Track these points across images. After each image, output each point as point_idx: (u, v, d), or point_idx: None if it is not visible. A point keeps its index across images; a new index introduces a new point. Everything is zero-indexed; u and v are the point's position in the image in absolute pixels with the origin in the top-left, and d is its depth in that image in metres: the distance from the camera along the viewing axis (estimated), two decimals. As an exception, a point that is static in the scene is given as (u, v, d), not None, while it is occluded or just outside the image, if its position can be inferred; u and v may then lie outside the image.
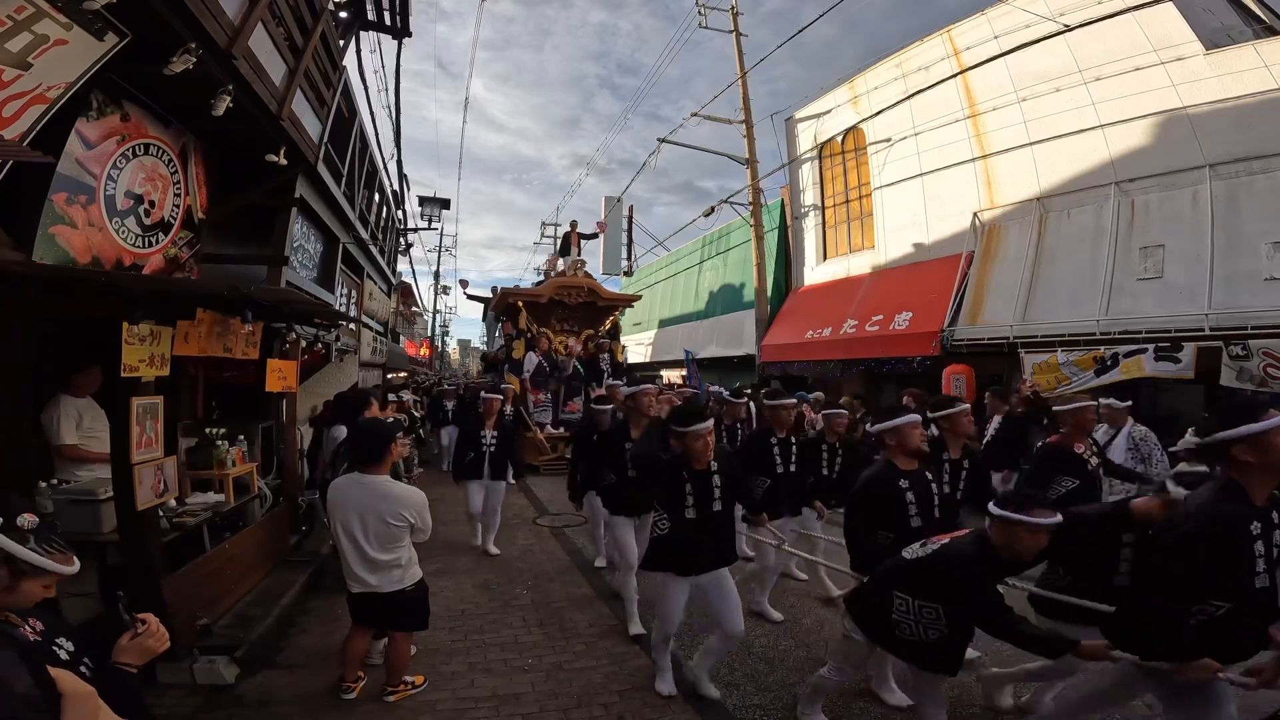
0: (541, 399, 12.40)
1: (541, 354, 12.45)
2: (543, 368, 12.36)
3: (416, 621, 3.59)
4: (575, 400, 12.61)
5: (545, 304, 12.95)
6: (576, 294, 13.08)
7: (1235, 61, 8.62)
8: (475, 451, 6.41)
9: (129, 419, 3.47)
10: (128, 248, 4.65)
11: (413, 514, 3.36)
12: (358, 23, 9.07)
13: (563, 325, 13.35)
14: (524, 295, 13.16)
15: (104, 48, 3.25)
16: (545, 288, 13.33)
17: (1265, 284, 7.58)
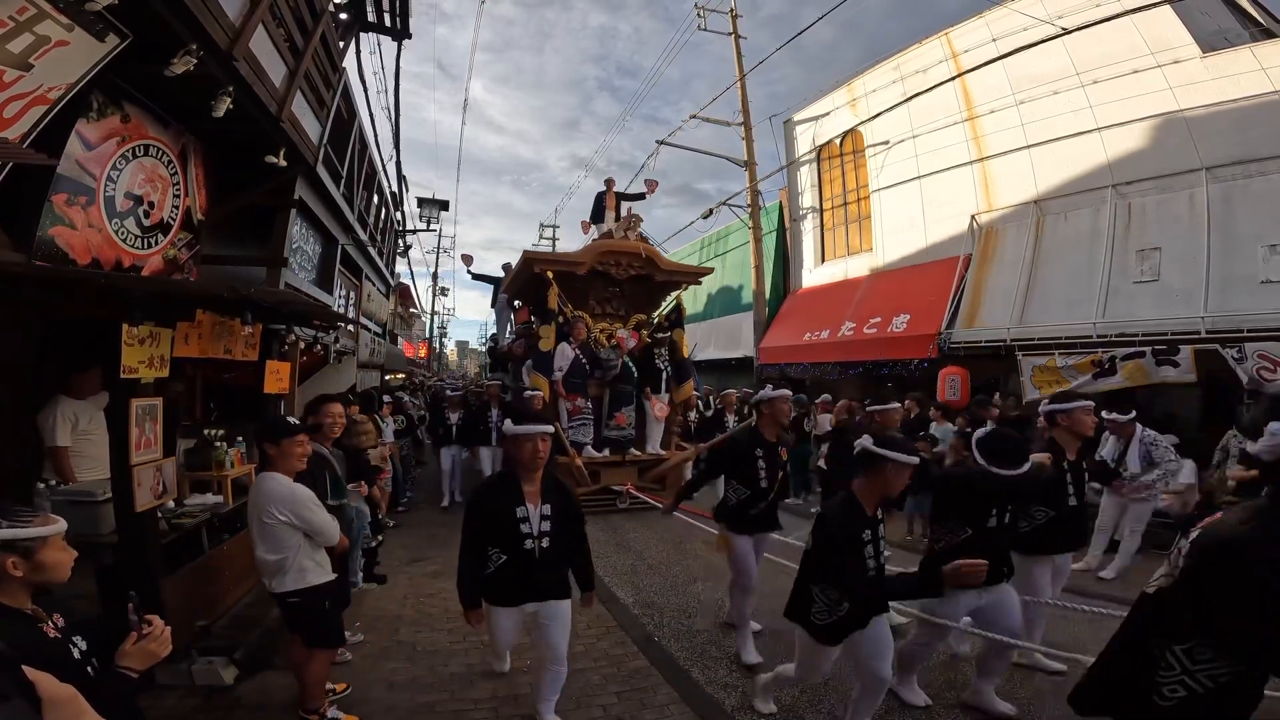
0: (580, 408, 8.66)
1: (578, 346, 8.69)
2: (580, 364, 8.68)
3: (310, 634, 3.26)
4: (624, 411, 8.91)
5: (584, 277, 9.06)
6: (628, 263, 9.19)
7: (1232, 64, 8.66)
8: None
9: (128, 420, 3.47)
10: (127, 249, 4.64)
11: (283, 511, 3.08)
12: (358, 24, 9.08)
13: (605, 307, 9.64)
14: (555, 263, 9.04)
15: (105, 49, 3.24)
16: (585, 253, 9.15)
17: (1261, 287, 7.61)
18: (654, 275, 9.43)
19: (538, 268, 8.78)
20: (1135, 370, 7.74)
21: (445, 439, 9.22)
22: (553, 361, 8.48)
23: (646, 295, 9.93)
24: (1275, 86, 8.15)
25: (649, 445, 9.13)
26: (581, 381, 8.69)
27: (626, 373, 8.95)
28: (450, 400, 9.62)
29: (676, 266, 10.04)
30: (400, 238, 17.02)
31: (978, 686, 3.58)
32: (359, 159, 9.53)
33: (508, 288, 11.85)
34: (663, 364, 9.25)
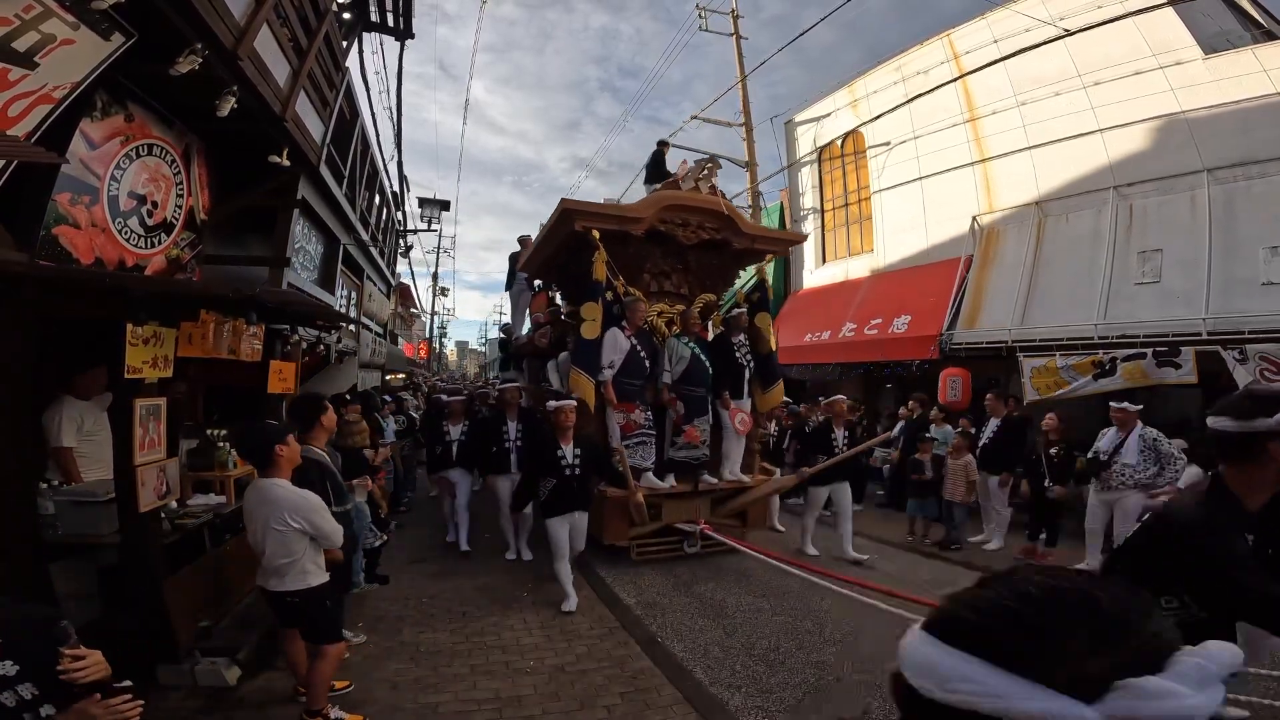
0: (637, 421, 6.23)
1: (634, 334, 6.32)
2: (638, 359, 6.28)
3: (314, 632, 3.31)
4: (697, 423, 6.44)
5: (639, 241, 6.53)
6: (700, 223, 6.65)
7: (1233, 66, 8.66)
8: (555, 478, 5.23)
9: (132, 421, 3.47)
10: (130, 248, 4.65)
11: (296, 519, 3.12)
12: (361, 24, 9.08)
13: (664, 283, 7.05)
14: (605, 218, 6.34)
15: (110, 48, 3.25)
16: (644, 206, 6.58)
17: (1262, 289, 7.60)
18: (732, 241, 6.81)
19: (581, 223, 6.10)
20: (1135, 372, 7.74)
21: (443, 460, 6.87)
22: (599, 355, 6.08)
23: (718, 268, 7.35)
24: (1277, 88, 8.15)
25: (727, 468, 6.62)
26: (640, 384, 6.32)
27: (699, 371, 6.44)
28: (450, 409, 7.06)
29: (763, 231, 7.52)
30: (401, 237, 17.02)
31: None
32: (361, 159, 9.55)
33: (527, 263, 9.06)
34: (744, 360, 6.71)
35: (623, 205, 6.73)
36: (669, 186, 6.94)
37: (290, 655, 3.48)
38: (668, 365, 6.38)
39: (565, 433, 5.22)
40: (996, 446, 7.24)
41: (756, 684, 3.88)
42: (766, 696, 3.73)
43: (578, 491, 5.19)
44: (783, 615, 4.97)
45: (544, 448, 5.23)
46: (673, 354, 6.42)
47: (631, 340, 6.26)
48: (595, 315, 6.10)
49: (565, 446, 5.18)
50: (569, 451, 5.18)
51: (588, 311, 6.11)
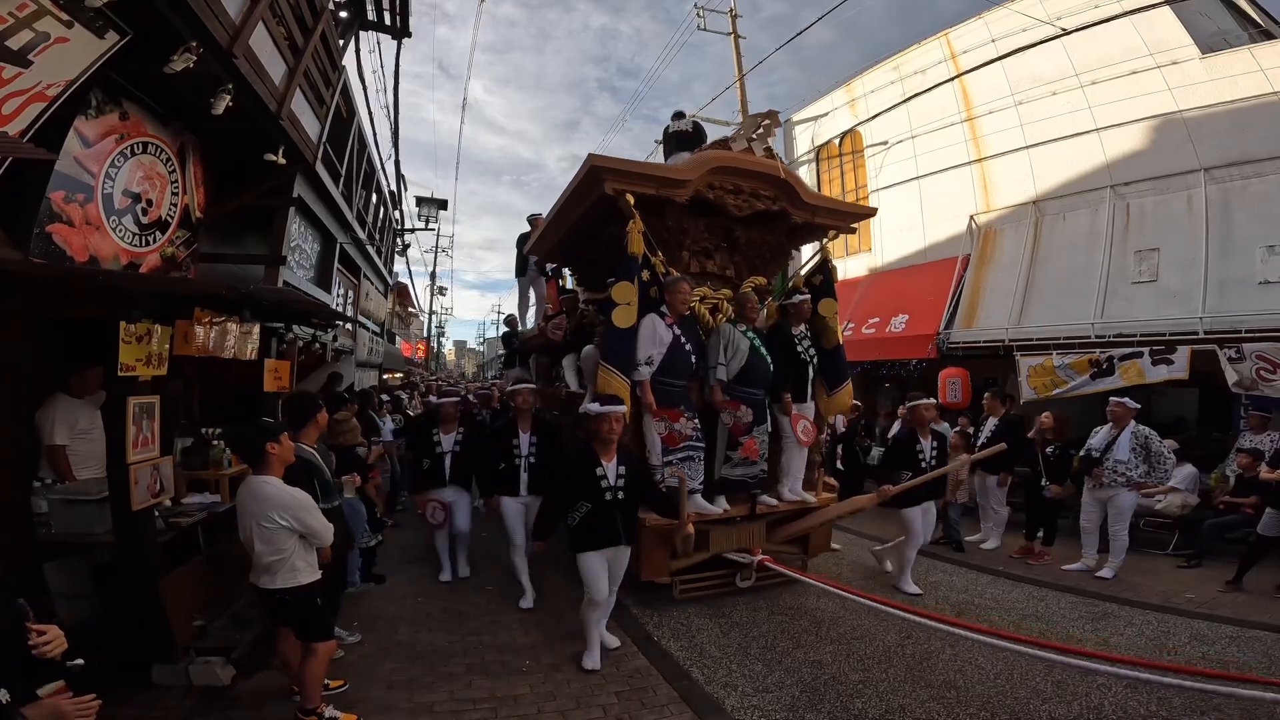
0: (683, 432, 4.99)
1: (677, 322, 5.10)
2: (683, 353, 5.08)
3: (305, 629, 3.30)
4: (756, 433, 5.23)
5: (680, 211, 5.42)
6: (754, 190, 5.52)
7: (1230, 65, 8.68)
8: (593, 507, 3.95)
9: (125, 419, 3.46)
10: (125, 246, 4.64)
11: (285, 517, 3.11)
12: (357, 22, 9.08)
13: (706, 263, 5.83)
14: (642, 180, 5.09)
15: (104, 46, 3.24)
16: (690, 168, 5.33)
17: (1259, 287, 7.62)
18: (791, 213, 5.63)
19: (613, 184, 4.90)
20: (1133, 371, 7.75)
21: (432, 477, 5.62)
22: (635, 347, 4.86)
23: (771, 246, 6.06)
24: (1274, 87, 8.16)
25: (786, 486, 5.48)
26: (684, 385, 5.09)
27: (759, 368, 5.19)
28: (441, 414, 5.74)
29: (828, 201, 6.09)
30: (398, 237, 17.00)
31: None
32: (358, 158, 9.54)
33: (537, 244, 7.33)
34: (807, 355, 5.55)
35: (664, 166, 5.44)
36: (716, 147, 5.59)
37: (283, 653, 3.47)
38: (721, 359, 5.09)
39: (608, 446, 4.01)
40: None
41: (753, 683, 3.88)
42: (764, 695, 3.73)
43: (621, 521, 3.99)
44: (780, 615, 4.97)
45: (578, 464, 4.00)
46: (728, 346, 5.12)
47: (674, 330, 4.98)
48: (630, 298, 4.84)
49: (607, 464, 3.98)
50: (611, 470, 3.97)
51: (621, 294, 4.83)
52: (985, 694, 3.73)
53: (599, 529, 3.94)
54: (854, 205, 6.45)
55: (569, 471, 4.03)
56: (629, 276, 4.90)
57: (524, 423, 5.28)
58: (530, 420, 5.30)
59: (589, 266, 6.80)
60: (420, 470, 5.77)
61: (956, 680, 3.91)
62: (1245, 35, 9.66)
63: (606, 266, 5.60)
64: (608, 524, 3.95)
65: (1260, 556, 5.68)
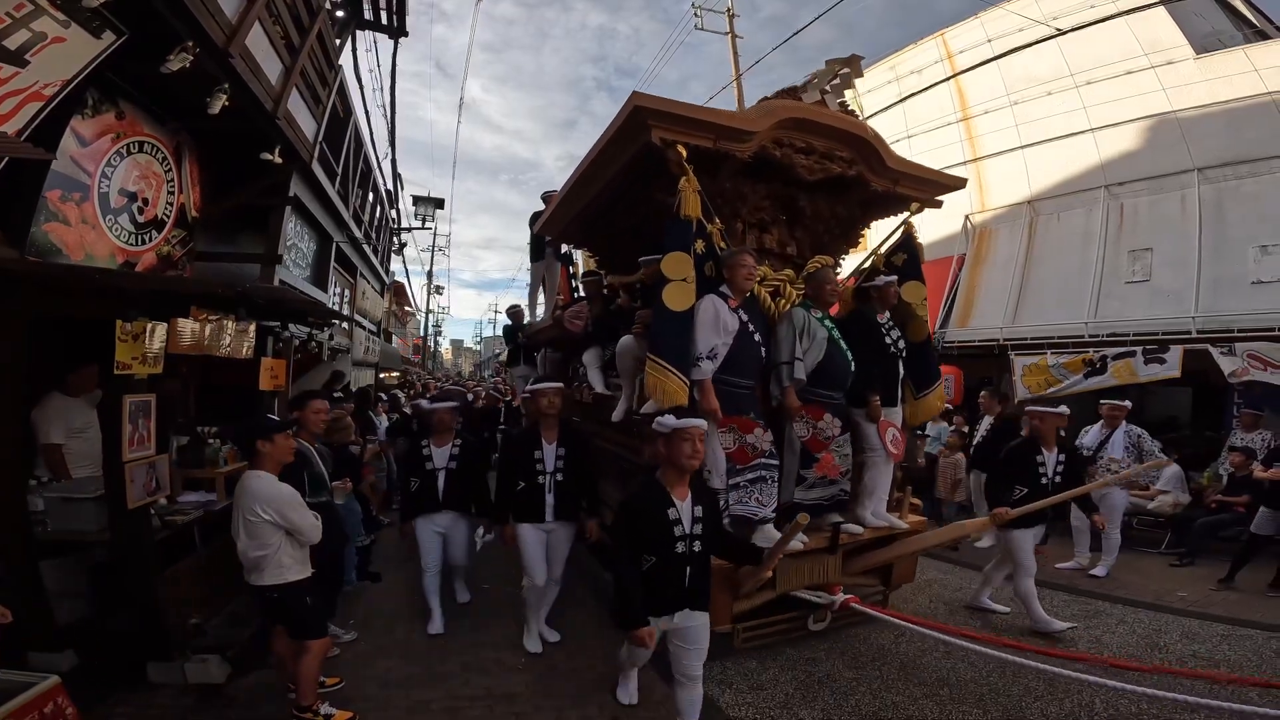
0: (756, 445, 3.89)
1: (741, 305, 3.95)
2: (752, 345, 3.99)
3: (298, 627, 3.30)
4: (837, 446, 4.22)
5: (736, 172, 4.36)
6: (829, 150, 4.46)
7: (1224, 66, 8.73)
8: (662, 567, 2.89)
9: (120, 417, 3.46)
10: (120, 245, 4.65)
11: (268, 511, 3.10)
12: (354, 22, 9.08)
13: (763, 236, 4.84)
14: (696, 128, 3.90)
15: (101, 45, 3.25)
16: (754, 117, 4.18)
17: (1251, 287, 7.67)
18: (869, 180, 4.64)
19: (662, 131, 3.81)
20: (1125, 369, 7.79)
21: (422, 499, 4.56)
22: (693, 335, 3.80)
23: (840, 219, 5.08)
24: (1268, 88, 8.22)
25: (869, 508, 4.51)
26: (752, 386, 4.03)
27: (840, 365, 4.19)
28: (435, 421, 4.67)
29: (914, 168, 4.93)
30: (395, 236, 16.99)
31: None
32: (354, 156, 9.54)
33: (551, 218, 5.93)
34: (897, 348, 4.58)
35: (725, 112, 4.10)
36: (784, 96, 4.47)
37: (277, 651, 3.48)
38: (798, 353, 4.04)
39: (683, 478, 2.93)
40: (990, 445, 7.28)
41: (748, 679, 3.90)
42: (758, 693, 3.75)
43: (694, 577, 2.94)
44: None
45: (645, 504, 2.90)
46: (804, 335, 4.08)
47: (740, 315, 3.87)
48: (685, 272, 3.74)
49: (681, 502, 2.89)
50: (686, 511, 2.89)
51: (674, 267, 3.74)
52: (978, 691, 3.76)
53: (664, 589, 2.90)
54: (941, 173, 5.25)
55: (634, 515, 2.89)
56: (682, 246, 3.77)
57: (549, 431, 4.23)
58: (556, 428, 4.25)
59: (614, 245, 5.77)
60: (407, 491, 4.71)
61: (949, 677, 3.93)
62: (1240, 36, 9.72)
63: (636, 245, 4.89)
64: (675, 583, 2.91)
65: (1253, 555, 5.71)
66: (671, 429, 2.87)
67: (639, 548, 2.87)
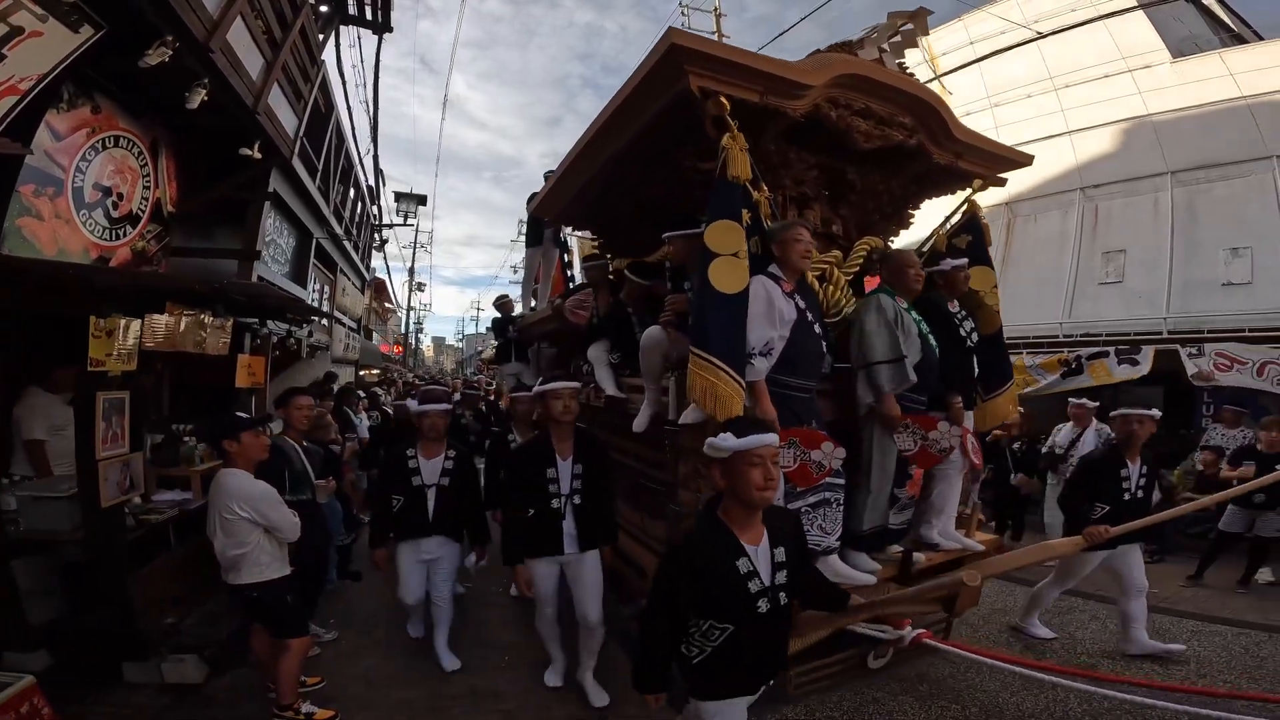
0: (824, 463, 3.02)
1: (796, 289, 3.21)
2: (811, 336, 3.18)
3: (277, 626, 3.26)
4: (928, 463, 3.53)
5: (787, 130, 3.61)
6: (889, 115, 3.75)
7: (1199, 70, 8.88)
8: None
9: (94, 415, 3.42)
10: (94, 240, 4.58)
11: (245, 508, 3.06)
12: (338, 17, 8.97)
13: (802, 212, 4.07)
14: (742, 76, 3.16)
15: (79, 40, 3.21)
16: (812, 70, 3.41)
17: (1222, 289, 7.84)
18: (930, 152, 4.02)
19: (700, 77, 3.10)
20: (1101, 370, 7.93)
21: (409, 522, 3.82)
22: (745, 324, 3.01)
23: (892, 195, 4.51)
24: (1241, 92, 8.37)
25: (937, 527, 3.90)
26: (810, 390, 3.31)
27: (930, 363, 3.58)
28: (424, 426, 3.89)
29: (980, 140, 4.36)
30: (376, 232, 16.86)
31: None
32: (336, 152, 9.46)
33: (548, 200, 5.37)
34: (971, 342, 3.92)
35: (777, 61, 3.33)
36: (838, 50, 3.82)
37: (256, 650, 3.46)
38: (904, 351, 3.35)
39: (752, 514, 2.16)
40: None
41: None
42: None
43: (778, 640, 2.29)
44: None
45: (710, 550, 2.12)
46: (899, 329, 3.41)
47: (796, 301, 3.16)
48: (737, 245, 2.97)
49: (752, 547, 2.14)
50: (763, 557, 2.15)
51: (721, 238, 2.97)
52: (956, 687, 3.79)
53: (743, 661, 2.14)
54: (1008, 148, 4.62)
55: (692, 573, 2.07)
56: (730, 213, 3.01)
57: (563, 442, 3.43)
58: (572, 438, 3.45)
59: (623, 226, 5.06)
60: (385, 512, 3.83)
61: (929, 673, 3.95)
62: (1216, 40, 9.88)
63: (646, 226, 4.37)
64: (764, 650, 2.18)
65: (1221, 552, 5.82)
66: (733, 451, 2.04)
67: (706, 613, 2.07)
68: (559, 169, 4.74)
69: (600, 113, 3.82)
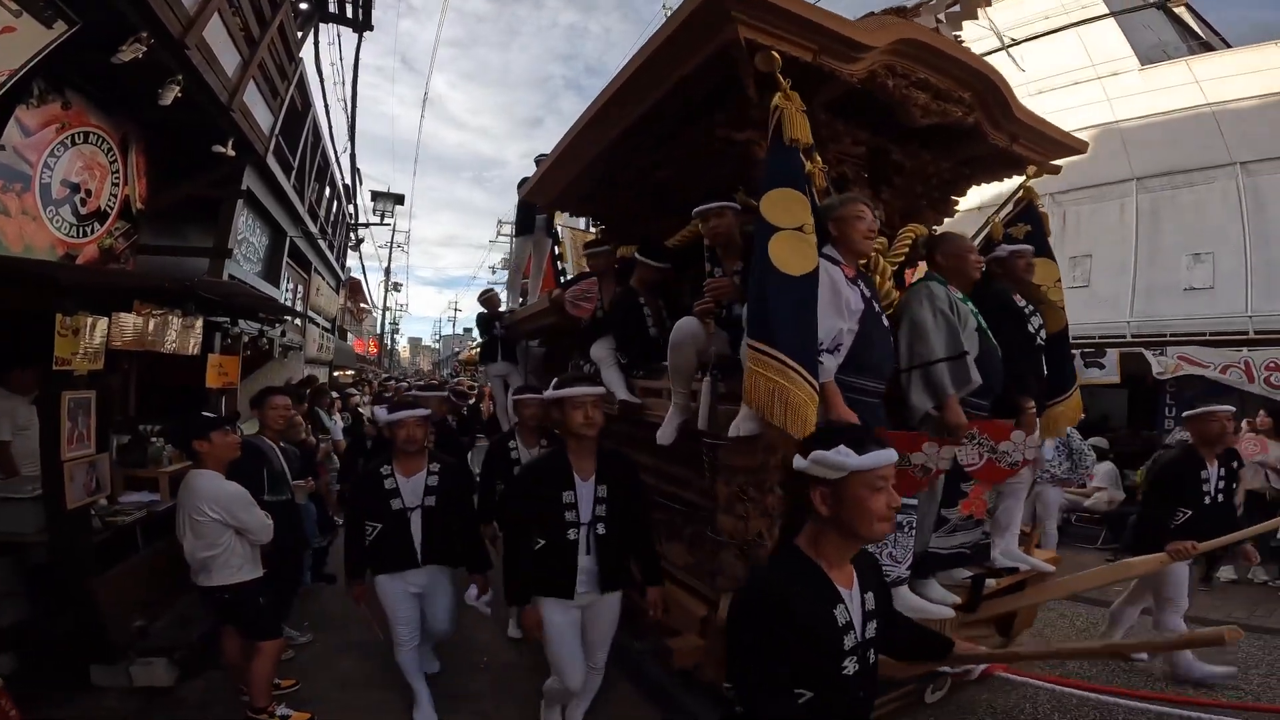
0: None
1: (854, 276, 2.71)
2: (879, 329, 2.78)
3: (250, 628, 3.22)
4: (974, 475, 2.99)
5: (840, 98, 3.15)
6: (949, 89, 3.26)
7: (1167, 77, 9.09)
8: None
9: (59, 414, 3.36)
10: (61, 237, 4.50)
11: (215, 510, 3.02)
12: (318, 14, 8.84)
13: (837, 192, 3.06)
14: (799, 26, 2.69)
15: (52, 35, 3.16)
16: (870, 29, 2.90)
17: (1184, 294, 8.06)
18: (987, 133, 3.60)
19: (749, 26, 2.60)
20: (1071, 373, 8.10)
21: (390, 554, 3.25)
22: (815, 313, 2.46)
23: (940, 179, 4.09)
24: (1207, 99, 8.57)
25: (997, 545, 3.47)
26: (880, 394, 2.85)
27: (992, 362, 3.06)
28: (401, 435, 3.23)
29: (1040, 123, 3.96)
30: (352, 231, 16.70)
31: None
32: (312, 150, 9.37)
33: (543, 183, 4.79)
34: (1041, 341, 3.51)
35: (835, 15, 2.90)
36: (894, 14, 3.18)
37: (228, 653, 3.42)
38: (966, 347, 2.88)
39: (843, 554, 1.62)
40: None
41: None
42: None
43: (863, 708, 1.65)
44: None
45: (792, 600, 1.49)
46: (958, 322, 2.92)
47: (861, 289, 2.73)
48: (802, 218, 2.49)
49: (848, 591, 1.59)
50: (854, 606, 1.59)
51: (782, 209, 2.50)
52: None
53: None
54: (1064, 132, 4.18)
55: (780, 623, 1.49)
56: (791, 180, 2.51)
57: (582, 459, 2.78)
58: (594, 455, 2.81)
59: (633, 210, 4.48)
60: (360, 541, 3.26)
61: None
62: (1185, 48, 10.08)
63: (666, 208, 3.91)
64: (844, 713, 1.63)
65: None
66: (852, 471, 1.49)
67: (800, 680, 1.50)
68: (556, 149, 4.23)
69: (615, 78, 3.31)
